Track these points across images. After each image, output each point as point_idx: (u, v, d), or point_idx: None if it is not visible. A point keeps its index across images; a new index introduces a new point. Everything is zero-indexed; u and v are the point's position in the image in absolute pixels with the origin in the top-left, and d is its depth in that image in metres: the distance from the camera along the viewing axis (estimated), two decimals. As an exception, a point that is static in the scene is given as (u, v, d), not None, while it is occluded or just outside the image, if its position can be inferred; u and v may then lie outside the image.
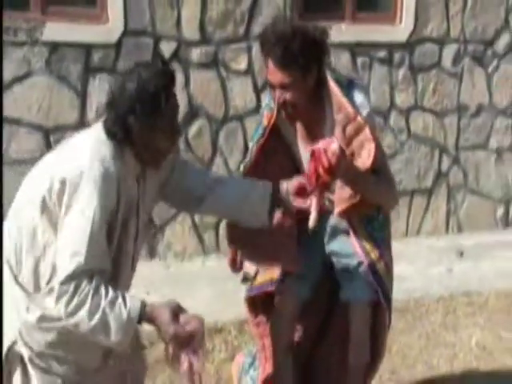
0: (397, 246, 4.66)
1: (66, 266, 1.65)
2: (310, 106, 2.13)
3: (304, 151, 2.20)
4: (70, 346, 1.79)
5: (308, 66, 2.06)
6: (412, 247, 4.84)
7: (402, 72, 4.80)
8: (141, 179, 1.87)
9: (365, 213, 2.26)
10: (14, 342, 1.81)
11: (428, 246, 4.89)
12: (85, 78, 4.12)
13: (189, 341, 1.73)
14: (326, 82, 2.14)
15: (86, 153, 1.73)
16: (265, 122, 2.22)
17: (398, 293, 3.91)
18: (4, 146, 4.03)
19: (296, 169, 2.26)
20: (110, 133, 1.76)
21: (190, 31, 4.25)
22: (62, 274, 1.66)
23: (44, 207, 1.72)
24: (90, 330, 1.67)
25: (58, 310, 1.69)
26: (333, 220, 2.31)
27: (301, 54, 2.03)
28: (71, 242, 1.66)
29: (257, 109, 4.50)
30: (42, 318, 1.77)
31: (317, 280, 2.44)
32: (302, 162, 2.24)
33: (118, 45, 4.14)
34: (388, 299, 2.35)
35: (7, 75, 4.00)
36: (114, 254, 1.79)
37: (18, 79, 4.01)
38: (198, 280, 4.11)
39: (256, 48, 4.41)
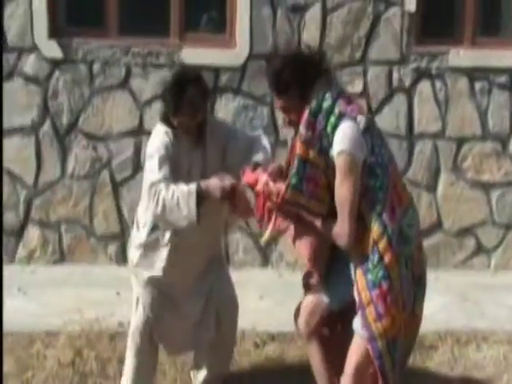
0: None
1: (148, 180, 2.58)
2: None
3: None
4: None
5: (304, 90, 2.29)
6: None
7: (524, 98, 4.74)
8: (193, 152, 2.68)
9: (359, 250, 2.32)
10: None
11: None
12: (213, 97, 4.55)
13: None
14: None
15: (154, 137, 2.70)
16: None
17: (512, 322, 3.90)
18: (142, 155, 4.55)
19: None
20: (161, 121, 2.69)
21: (309, 55, 4.57)
22: (146, 186, 2.56)
23: None
24: (172, 206, 2.48)
25: (152, 207, 2.54)
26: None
27: (293, 82, 2.29)
28: (148, 171, 2.61)
29: (371, 129, 4.68)
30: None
31: (345, 299, 2.51)
32: None
33: (244, 67, 4.55)
34: (374, 345, 2.32)
35: (148, 93, 4.56)
36: None
37: (157, 97, 4.51)
38: (307, 289, 4.33)
39: (372, 71, 4.63)
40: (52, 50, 4.51)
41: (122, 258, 4.60)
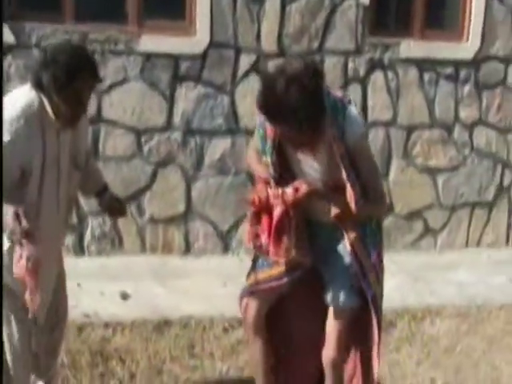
0: (457, 255, 4.97)
1: None
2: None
3: (300, 163, 2.41)
4: None
5: (320, 121, 2.20)
6: (472, 257, 5.00)
7: (467, 88, 5.00)
8: (60, 132, 2.23)
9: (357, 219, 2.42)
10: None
11: (488, 257, 5.02)
12: (173, 85, 4.55)
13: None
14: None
15: (17, 101, 2.15)
16: (271, 135, 2.39)
17: (460, 298, 4.18)
18: (101, 144, 4.51)
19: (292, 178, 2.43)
20: (31, 79, 2.15)
21: (269, 44, 4.63)
22: None
23: None
24: None
25: None
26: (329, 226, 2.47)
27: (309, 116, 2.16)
28: None
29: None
30: None
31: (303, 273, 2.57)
32: (298, 172, 2.43)
33: (204, 56, 4.56)
34: (376, 305, 2.49)
35: (107, 81, 4.47)
36: (34, 196, 2.18)
37: (116, 85, 4.49)
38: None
39: (329, 61, 4.76)
40: (3, 34, 4.36)
41: (79, 249, 4.57)
